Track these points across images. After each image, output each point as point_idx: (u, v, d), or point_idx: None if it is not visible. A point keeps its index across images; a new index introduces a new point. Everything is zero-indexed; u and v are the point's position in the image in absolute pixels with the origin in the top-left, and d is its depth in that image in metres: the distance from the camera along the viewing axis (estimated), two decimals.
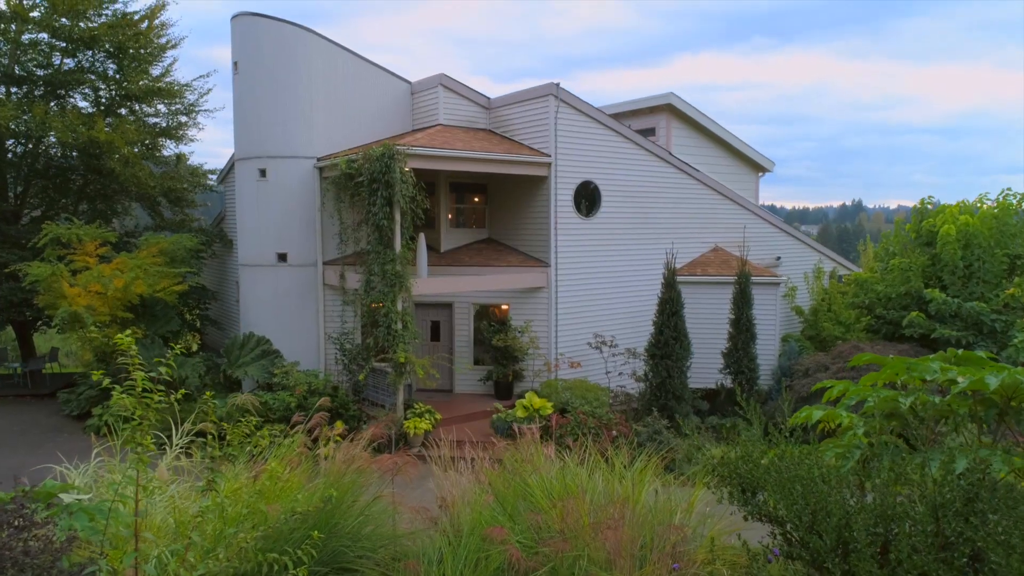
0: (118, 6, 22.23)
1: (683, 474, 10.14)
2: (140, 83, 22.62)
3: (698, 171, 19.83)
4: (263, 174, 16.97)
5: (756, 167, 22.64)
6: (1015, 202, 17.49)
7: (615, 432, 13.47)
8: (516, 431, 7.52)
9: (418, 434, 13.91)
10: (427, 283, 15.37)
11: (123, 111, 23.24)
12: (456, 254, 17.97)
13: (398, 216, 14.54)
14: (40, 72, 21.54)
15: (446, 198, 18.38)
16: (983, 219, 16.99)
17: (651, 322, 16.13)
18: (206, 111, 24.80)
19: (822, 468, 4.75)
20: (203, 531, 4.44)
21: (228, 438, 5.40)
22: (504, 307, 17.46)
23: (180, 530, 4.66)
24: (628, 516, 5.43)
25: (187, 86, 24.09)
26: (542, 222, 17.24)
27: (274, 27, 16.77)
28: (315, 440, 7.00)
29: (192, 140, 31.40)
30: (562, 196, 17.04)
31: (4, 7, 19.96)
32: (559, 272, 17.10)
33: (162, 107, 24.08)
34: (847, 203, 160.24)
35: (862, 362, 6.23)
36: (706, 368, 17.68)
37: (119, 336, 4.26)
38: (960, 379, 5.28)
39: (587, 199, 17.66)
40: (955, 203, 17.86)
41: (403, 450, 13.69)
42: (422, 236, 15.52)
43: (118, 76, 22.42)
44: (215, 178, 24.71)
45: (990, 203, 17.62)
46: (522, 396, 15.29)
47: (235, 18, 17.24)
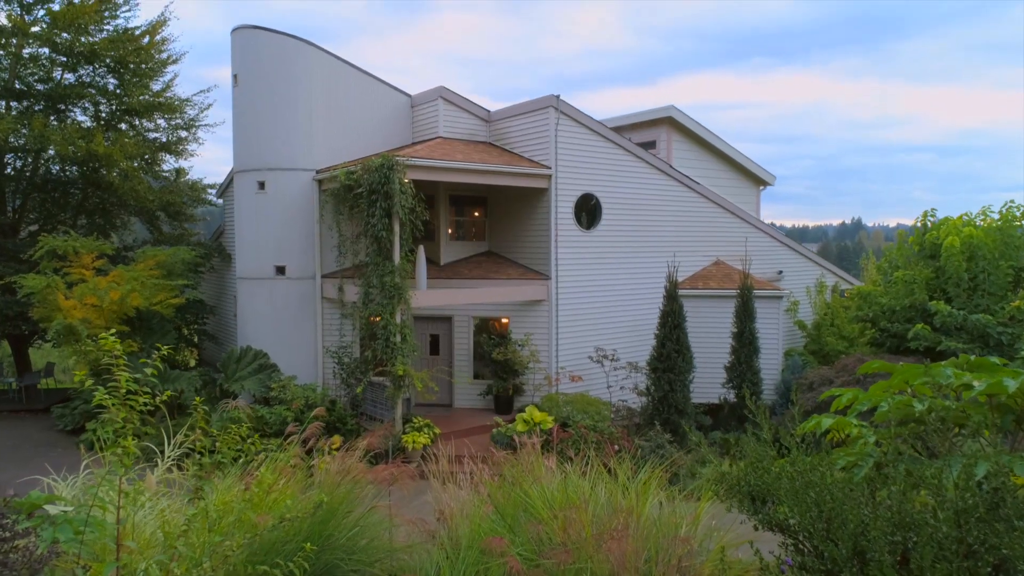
0: (119, 22, 22.33)
1: (687, 489, 9.91)
2: (140, 98, 22.63)
3: (699, 184, 19.75)
4: (262, 186, 16.88)
5: (757, 181, 22.58)
6: (1019, 215, 17.38)
7: (617, 446, 13.23)
8: (516, 442, 7.33)
9: (416, 448, 13.67)
10: (426, 295, 15.21)
11: (123, 126, 23.24)
12: (456, 267, 17.84)
13: (397, 227, 14.42)
14: (40, 87, 21.56)
15: (446, 211, 18.28)
16: (987, 231, 16.88)
17: (653, 335, 15.94)
18: (206, 126, 24.77)
19: (834, 476, 4.57)
20: (189, 541, 4.25)
21: (218, 445, 5.22)
22: (504, 320, 17.29)
23: (168, 541, 4.48)
24: (632, 527, 5.24)
25: (187, 101, 24.12)
26: (542, 235, 17.12)
27: (274, 40, 16.77)
28: (309, 451, 6.82)
29: (192, 155, 31.49)
30: (562, 209, 16.93)
31: (5, 21, 20.02)
32: (559, 285, 16.95)
33: (162, 122, 24.10)
34: (846, 221, 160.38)
35: (871, 370, 6.06)
36: (708, 382, 17.47)
37: (103, 336, 4.10)
38: (976, 383, 5.12)
39: (587, 212, 17.55)
40: (958, 216, 17.75)
41: (399, 460, 13.47)
42: (421, 248, 15.39)
43: (119, 91, 22.44)
44: (214, 192, 24.66)
45: (993, 216, 17.50)
46: (522, 410, 15.07)
47: (235, 31, 17.24)
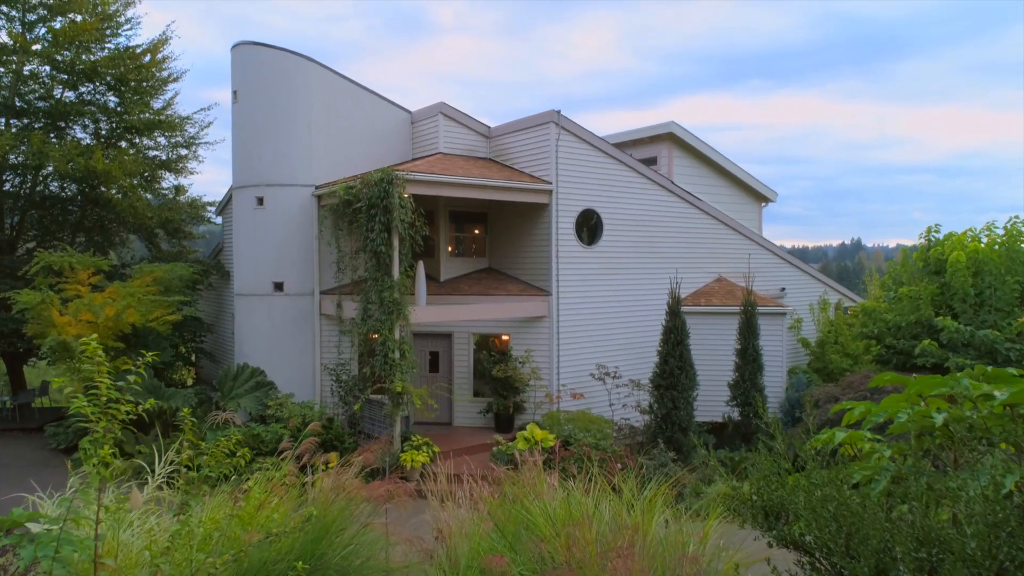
0: (121, 40, 22.38)
1: (691, 508, 9.64)
2: (141, 115, 22.62)
3: (701, 200, 19.64)
4: (260, 202, 16.77)
5: (759, 197, 22.48)
6: None
7: (620, 464, 12.95)
8: (517, 458, 7.10)
9: (415, 467, 13.39)
10: (426, 312, 15.01)
11: (123, 143, 23.21)
12: (456, 283, 17.66)
13: (396, 242, 14.27)
14: (41, 104, 21.55)
15: (446, 227, 18.14)
16: (991, 247, 16.71)
17: (655, 352, 15.71)
18: (206, 143, 24.74)
19: (849, 490, 4.35)
20: (172, 559, 4.03)
21: (205, 459, 4.99)
22: (504, 337, 17.07)
23: (152, 559, 4.25)
24: (639, 546, 5.01)
25: (187, 119, 24.11)
26: (543, 251, 16.96)
27: (274, 56, 16.75)
28: (303, 468, 6.61)
29: (192, 173, 31.50)
30: (563, 224, 16.80)
31: (6, 39, 20.06)
32: (560, 301, 16.76)
33: (162, 140, 24.08)
34: (846, 242, 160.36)
35: (883, 382, 5.84)
36: (712, 401, 17.20)
37: (84, 340, 3.91)
38: (998, 393, 4.91)
39: (588, 228, 17.42)
40: (963, 231, 17.59)
41: (395, 475, 13.19)
42: (421, 264, 15.23)
43: (119, 108, 22.43)
44: (213, 210, 24.56)
45: (998, 232, 17.34)
46: (523, 428, 14.80)
47: (235, 47, 17.24)
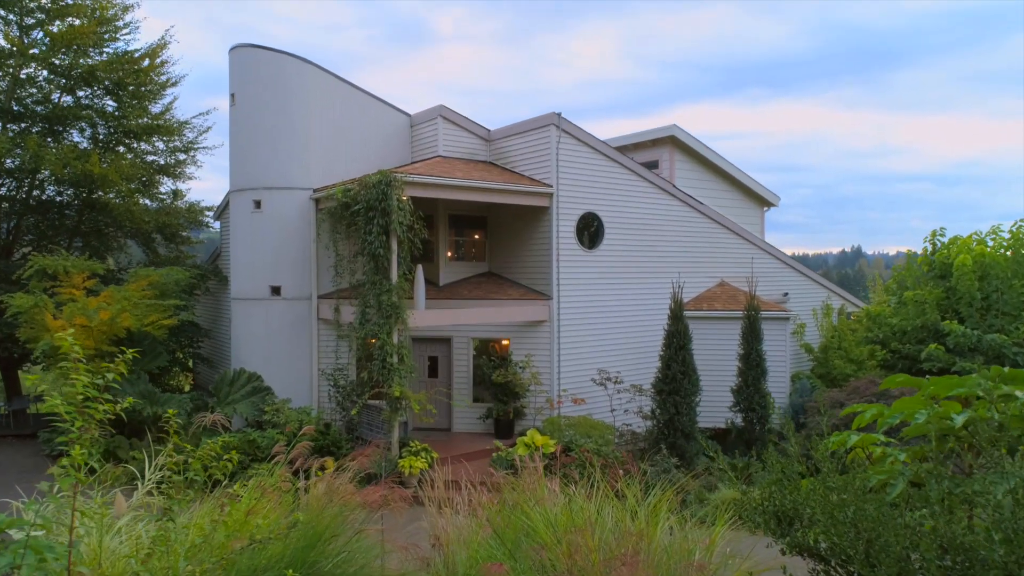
0: (120, 44, 22.26)
1: (697, 514, 9.40)
2: (139, 120, 22.50)
3: (703, 204, 19.46)
4: (258, 205, 16.59)
5: (761, 201, 22.30)
6: None
7: (622, 470, 12.71)
8: (517, 463, 6.88)
9: (414, 473, 13.16)
10: (424, 316, 14.80)
11: (121, 148, 23.07)
12: (455, 287, 17.46)
13: (395, 245, 14.08)
14: (39, 108, 21.42)
15: (445, 231, 17.96)
16: (997, 250, 16.51)
17: (657, 357, 15.49)
18: (205, 148, 24.65)
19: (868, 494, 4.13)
20: (151, 566, 3.81)
21: (191, 463, 4.78)
22: (504, 342, 16.86)
23: (136, 566, 4.04)
24: (643, 553, 4.79)
25: (186, 123, 23.98)
26: (543, 254, 16.77)
27: (272, 58, 16.61)
28: (296, 472, 6.39)
29: (190, 178, 31.34)
30: (564, 228, 16.61)
31: (3, 43, 19.94)
32: (561, 305, 16.55)
33: (160, 144, 23.93)
34: (846, 249, 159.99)
35: (895, 385, 5.65)
36: (715, 406, 16.96)
37: (59, 335, 3.71)
38: (1019, 393, 4.70)
39: (589, 231, 17.23)
40: (968, 235, 17.40)
41: (389, 481, 12.93)
42: (420, 268, 15.04)
43: (117, 113, 22.31)
44: (211, 215, 24.40)
45: (1004, 235, 17.14)
46: (523, 434, 14.57)
47: (233, 50, 17.09)
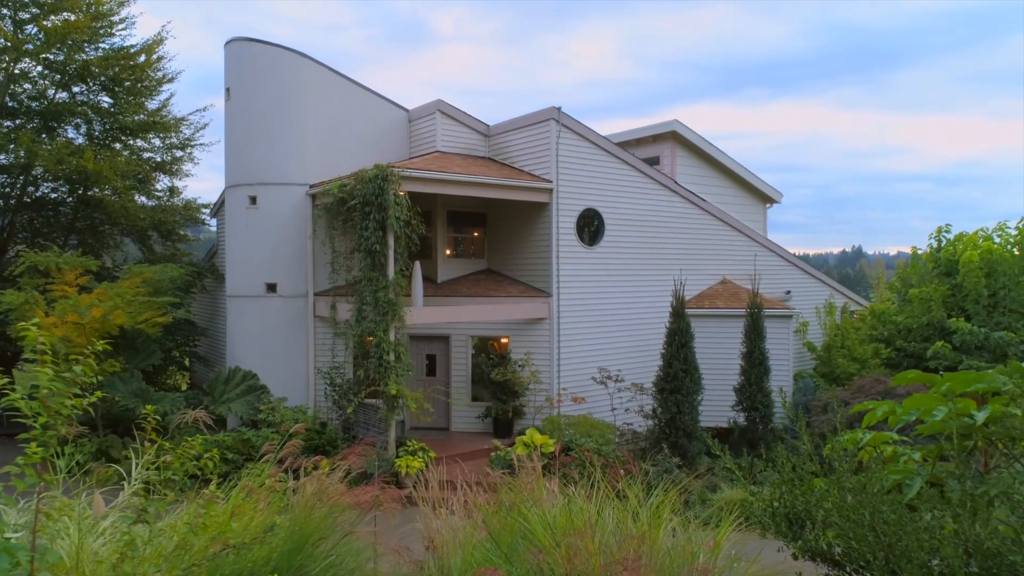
0: (116, 40, 22.03)
1: (700, 515, 9.17)
2: (135, 117, 22.27)
3: (705, 201, 19.21)
4: (253, 201, 16.35)
5: (764, 198, 22.05)
6: None
7: (623, 470, 12.47)
8: (515, 462, 6.64)
9: (410, 473, 12.92)
10: (422, 313, 14.57)
11: (117, 145, 22.84)
12: (454, 285, 17.22)
13: (391, 241, 13.84)
14: (34, 105, 21.19)
15: (443, 228, 17.71)
16: (1004, 247, 16.25)
17: (659, 355, 15.25)
18: (202, 145, 24.39)
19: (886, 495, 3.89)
20: (122, 571, 3.57)
21: (170, 461, 4.54)
22: (504, 340, 16.62)
23: (116, 571, 3.80)
24: (646, 557, 4.56)
25: (183, 120, 23.76)
26: (543, 251, 16.53)
27: (268, 52, 16.37)
28: (289, 472, 6.16)
29: (187, 175, 31.15)
30: (564, 224, 16.37)
31: None
32: (561, 303, 16.31)
33: (157, 141, 23.71)
34: (847, 249, 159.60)
35: (906, 381, 5.38)
36: (717, 406, 16.71)
37: (22, 324, 3.47)
38: None
39: (590, 227, 16.99)
40: (974, 231, 17.14)
41: (378, 481, 12.68)
42: (417, 264, 14.79)
43: (113, 109, 22.08)
44: (208, 212, 24.17)
45: (1010, 231, 16.86)
46: (522, 433, 14.33)
47: (228, 44, 16.86)
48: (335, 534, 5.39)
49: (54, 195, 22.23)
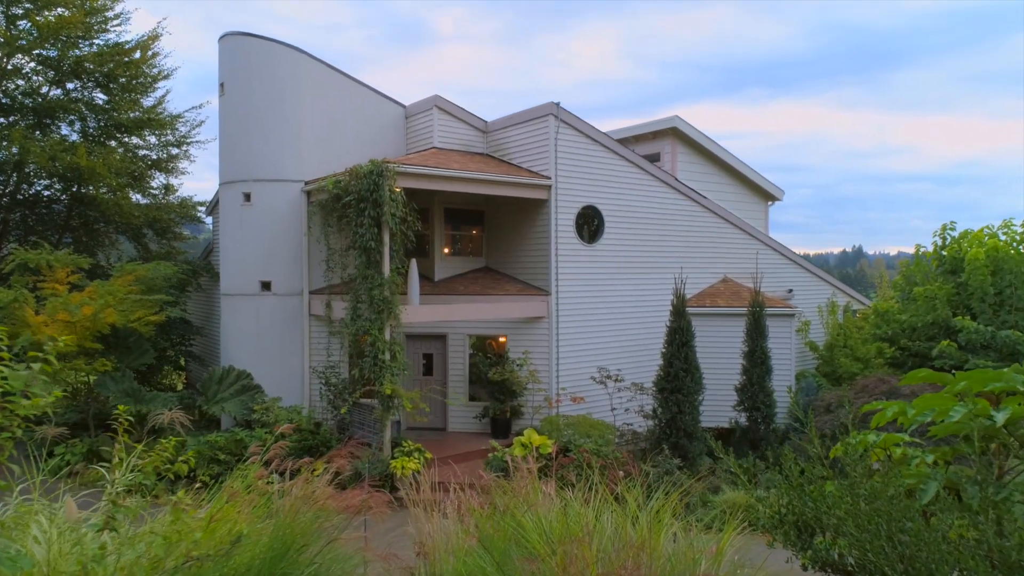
0: (110, 36, 21.80)
1: (703, 519, 8.94)
2: (131, 114, 22.04)
3: (706, 198, 18.97)
4: (247, 198, 16.11)
5: (765, 195, 21.80)
6: None
7: (622, 472, 12.23)
8: (510, 464, 6.39)
9: (406, 475, 12.67)
10: (418, 311, 14.33)
11: (112, 142, 22.60)
12: (451, 283, 16.98)
13: (387, 238, 13.60)
14: (28, 101, 20.96)
15: (440, 225, 17.47)
16: (1010, 244, 15.99)
17: (659, 354, 15.01)
18: (198, 142, 24.13)
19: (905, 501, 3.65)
20: None
21: (142, 465, 4.32)
22: (502, 339, 16.37)
23: None
24: (645, 566, 4.33)
25: (178, 117, 23.53)
26: (542, 249, 16.29)
27: (263, 46, 16.12)
28: (282, 474, 5.93)
29: (183, 173, 30.93)
30: (563, 221, 16.13)
31: None
32: (560, 301, 16.06)
33: (152, 139, 23.49)
34: (847, 249, 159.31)
35: (917, 380, 5.12)
36: (718, 405, 16.47)
37: None
38: None
39: (589, 225, 16.75)
40: (979, 228, 16.88)
41: (373, 482, 12.44)
42: (413, 262, 14.55)
43: (107, 106, 21.84)
44: (204, 210, 23.93)
45: (1016, 229, 16.61)
46: (520, 434, 14.08)
47: (223, 38, 16.61)
48: (321, 540, 5.16)
49: (47, 193, 21.99)
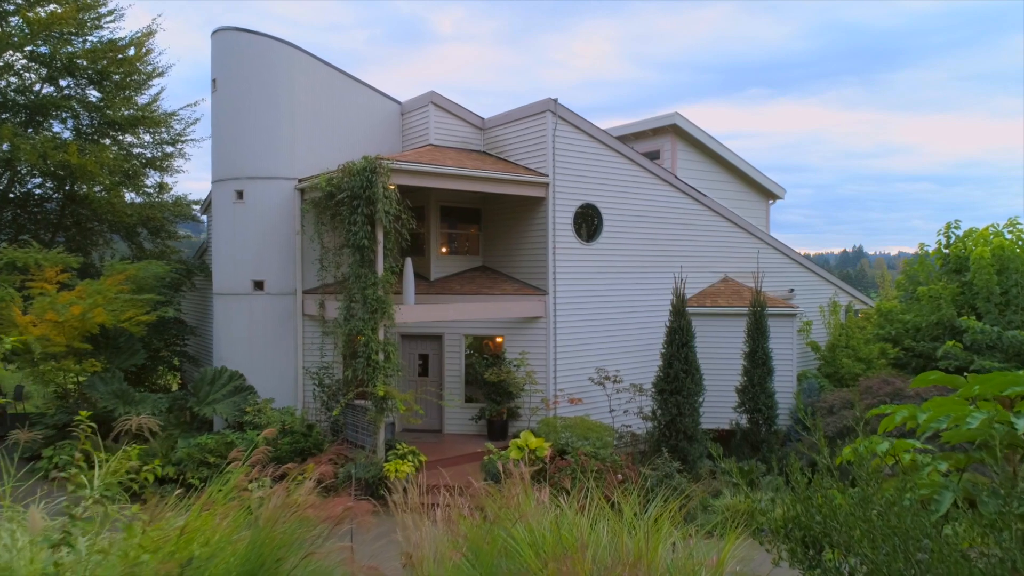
0: (103, 33, 21.55)
1: (704, 526, 8.67)
2: (125, 112, 21.79)
3: (706, 196, 18.69)
4: (240, 196, 15.83)
5: (766, 194, 21.53)
6: None
7: (621, 476, 11.95)
8: (501, 470, 6.13)
9: (400, 478, 12.39)
10: (413, 311, 14.06)
11: (106, 140, 22.35)
12: (447, 282, 16.71)
13: (380, 236, 13.33)
14: (20, 99, 20.70)
15: (436, 224, 17.20)
16: (1016, 243, 15.70)
17: (658, 355, 14.75)
18: (192, 140, 23.89)
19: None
20: None
21: (103, 473, 4.05)
22: (499, 339, 16.10)
23: None
24: None
25: (173, 115, 23.29)
26: (539, 248, 16.02)
27: (256, 42, 15.85)
28: (251, 480, 5.64)
29: (178, 171, 30.68)
30: (561, 220, 15.86)
31: None
32: (558, 301, 15.79)
33: (147, 137, 23.24)
34: (848, 249, 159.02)
35: (928, 383, 4.85)
36: (718, 407, 16.21)
37: None
38: None
39: (588, 223, 16.48)
40: (984, 227, 16.59)
41: (363, 486, 12.18)
42: (408, 261, 14.29)
43: (101, 103, 21.59)
44: (198, 209, 23.69)
45: (1022, 227, 16.32)
46: (517, 436, 13.81)
47: (215, 33, 16.34)
48: (299, 551, 4.90)
49: (39, 191, 21.74)
